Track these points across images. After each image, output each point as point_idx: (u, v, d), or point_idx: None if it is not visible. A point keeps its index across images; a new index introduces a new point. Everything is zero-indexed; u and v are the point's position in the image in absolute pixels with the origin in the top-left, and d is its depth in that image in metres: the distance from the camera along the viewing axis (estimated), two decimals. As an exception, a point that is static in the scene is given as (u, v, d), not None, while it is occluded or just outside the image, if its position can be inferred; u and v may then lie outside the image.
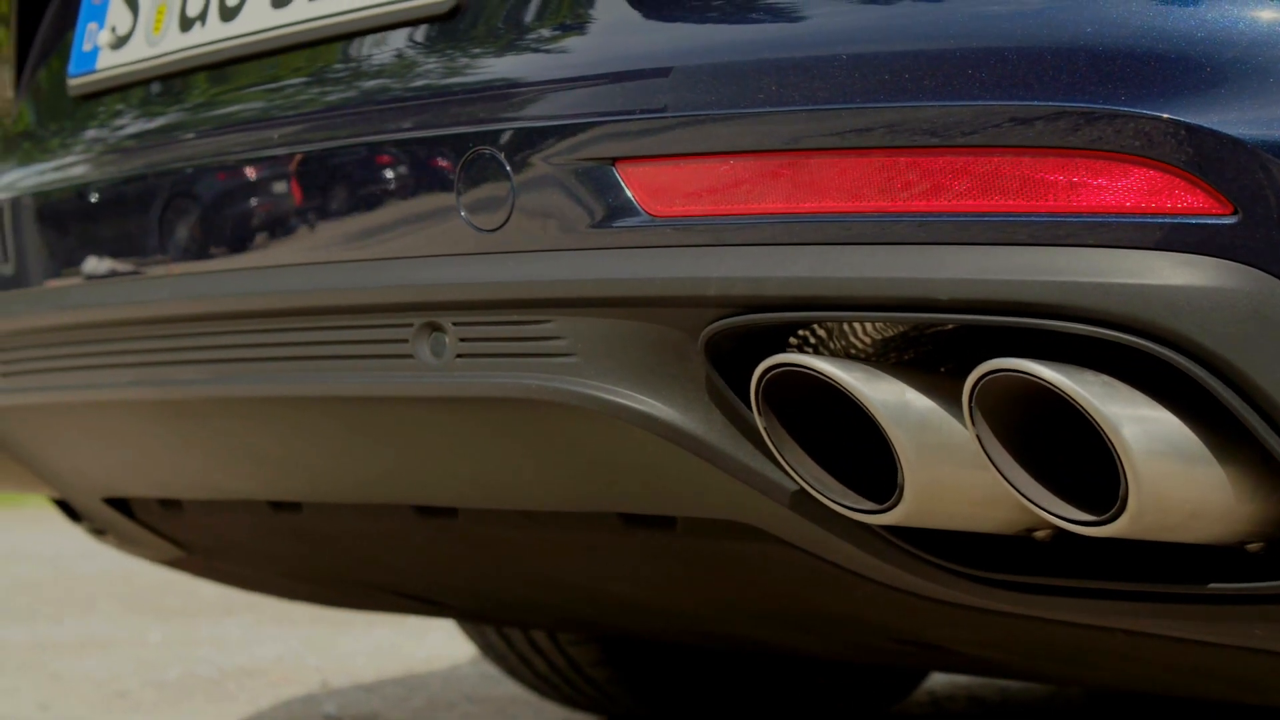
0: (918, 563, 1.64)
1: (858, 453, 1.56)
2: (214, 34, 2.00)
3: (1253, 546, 1.53)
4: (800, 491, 1.62)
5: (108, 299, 2.07)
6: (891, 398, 1.49)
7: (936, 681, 3.71)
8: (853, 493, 1.55)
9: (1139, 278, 1.43)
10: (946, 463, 1.50)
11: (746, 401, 1.61)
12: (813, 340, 1.63)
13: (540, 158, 1.69)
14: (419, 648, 4.34)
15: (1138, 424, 1.41)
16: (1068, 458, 1.50)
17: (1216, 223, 1.42)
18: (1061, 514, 1.46)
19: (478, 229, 1.72)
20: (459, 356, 1.74)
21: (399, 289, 1.76)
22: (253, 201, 1.94)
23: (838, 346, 1.64)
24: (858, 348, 1.64)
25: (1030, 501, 1.47)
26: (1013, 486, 1.47)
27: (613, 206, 1.65)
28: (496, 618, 2.65)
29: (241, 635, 4.61)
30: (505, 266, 1.70)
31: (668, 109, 1.63)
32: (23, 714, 3.53)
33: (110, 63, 2.13)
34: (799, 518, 1.65)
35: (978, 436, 1.47)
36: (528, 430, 1.75)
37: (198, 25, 2.02)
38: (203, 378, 1.96)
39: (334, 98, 1.90)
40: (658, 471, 1.71)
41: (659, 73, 1.65)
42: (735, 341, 1.60)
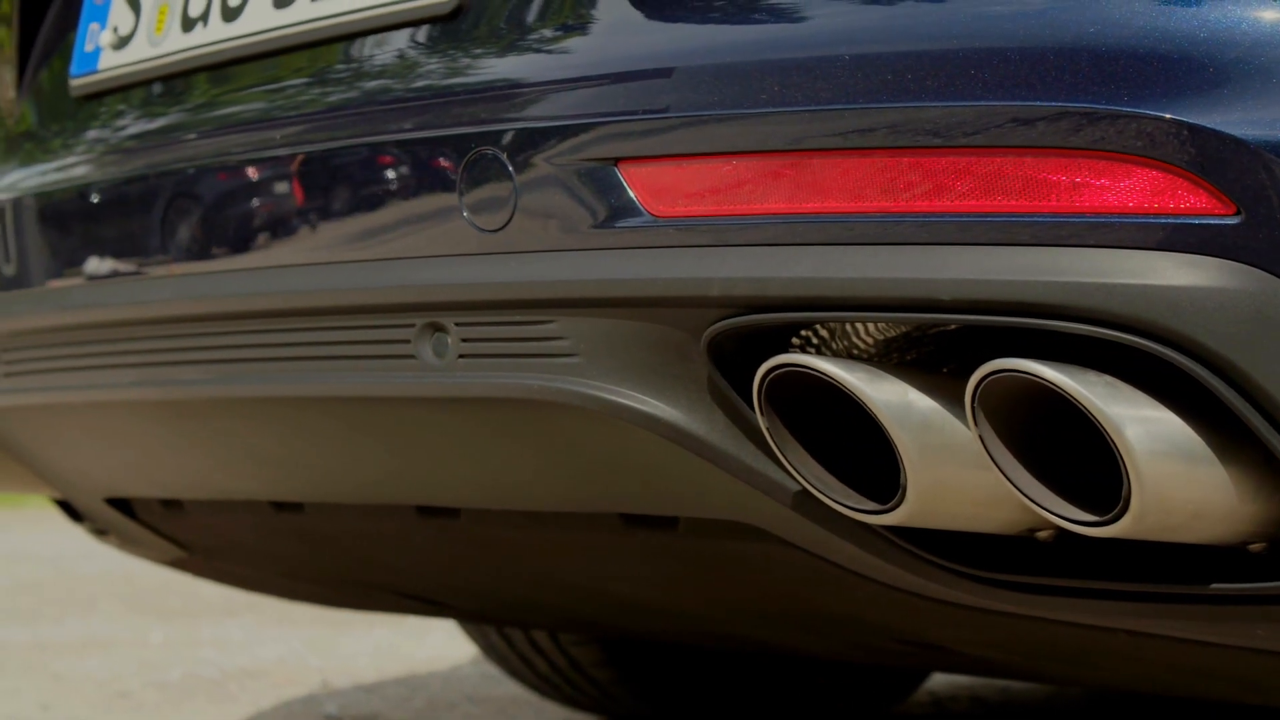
0: (920, 563, 1.64)
1: (860, 453, 1.56)
2: (216, 34, 2.00)
3: (1255, 547, 1.53)
4: (802, 492, 1.62)
5: (110, 299, 2.07)
6: (894, 398, 1.49)
7: (938, 682, 3.71)
8: (855, 493, 1.55)
9: (1141, 278, 1.43)
10: (949, 463, 1.50)
11: (749, 402, 1.61)
12: (815, 341, 1.63)
13: (543, 158, 1.69)
14: (420, 648, 4.34)
15: (1140, 424, 1.41)
16: (1070, 458, 1.50)
17: (1219, 223, 1.42)
18: (1064, 514, 1.46)
19: (480, 229, 1.72)
20: (461, 357, 1.74)
21: (401, 289, 1.76)
22: (255, 202, 1.94)
23: (840, 347, 1.64)
24: (860, 348, 1.64)
25: (1033, 502, 1.47)
26: (1015, 487, 1.47)
27: (615, 207, 1.65)
28: (498, 618, 2.65)
29: (243, 636, 4.61)
30: (507, 267, 1.70)
31: (670, 109, 1.63)
32: (24, 714, 3.53)
33: (112, 63, 2.13)
34: (801, 518, 1.65)
35: (980, 437, 1.47)
36: (530, 431, 1.75)
37: (200, 25, 2.02)
38: (205, 378, 1.96)
39: (336, 98, 1.90)
40: (660, 472, 1.71)
41: (661, 73, 1.65)
42: (738, 342, 1.60)
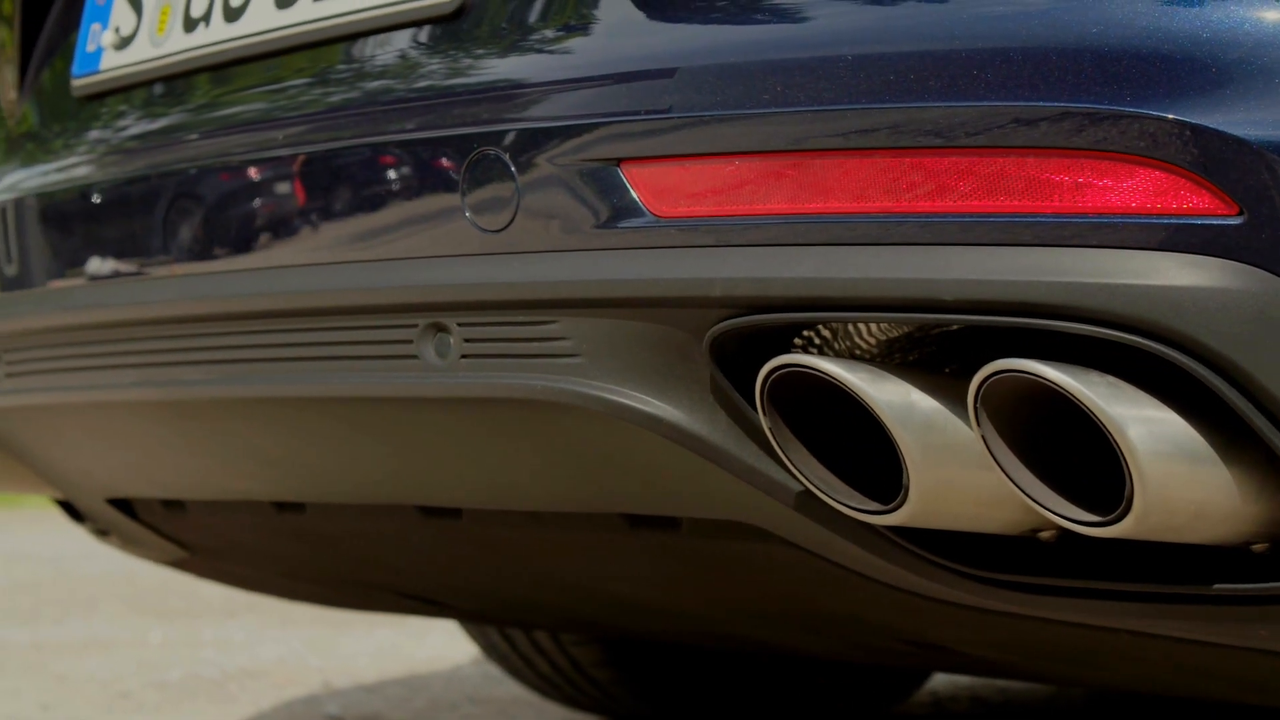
0: (922, 563, 1.64)
1: (862, 453, 1.56)
2: (218, 35, 2.00)
3: (1257, 547, 1.53)
4: (805, 492, 1.62)
5: (112, 300, 2.07)
6: (897, 398, 1.49)
7: (939, 682, 3.71)
8: (858, 493, 1.55)
9: (1144, 278, 1.42)
10: (951, 463, 1.50)
11: (751, 402, 1.61)
12: (817, 341, 1.63)
13: (545, 158, 1.69)
14: (421, 648, 4.34)
15: (1143, 425, 1.41)
16: (1073, 458, 1.50)
17: (1222, 223, 1.42)
18: (1066, 515, 1.46)
19: (482, 229, 1.72)
20: (464, 357, 1.74)
21: (404, 289, 1.76)
22: (257, 202, 1.94)
23: (842, 347, 1.64)
24: (862, 348, 1.64)
25: (1035, 502, 1.47)
26: (1018, 487, 1.47)
27: (617, 207, 1.65)
28: (499, 618, 2.65)
29: (244, 636, 4.61)
30: (510, 267, 1.70)
31: (673, 110, 1.63)
32: (25, 715, 3.53)
33: (114, 63, 2.13)
34: (803, 518, 1.65)
35: (983, 437, 1.47)
36: (532, 431, 1.75)
37: (202, 26, 2.02)
38: (207, 378, 1.96)
39: (338, 98, 1.90)
40: (662, 472, 1.71)
41: (664, 73, 1.65)
42: (740, 342, 1.60)
